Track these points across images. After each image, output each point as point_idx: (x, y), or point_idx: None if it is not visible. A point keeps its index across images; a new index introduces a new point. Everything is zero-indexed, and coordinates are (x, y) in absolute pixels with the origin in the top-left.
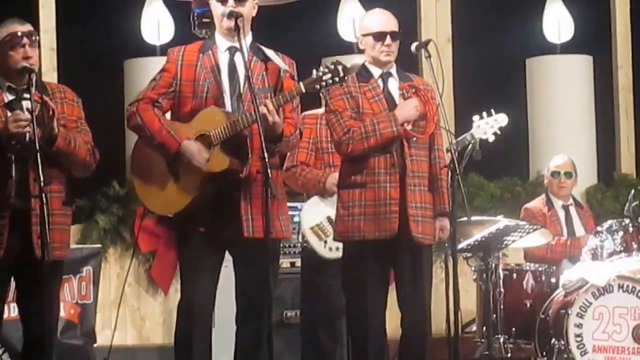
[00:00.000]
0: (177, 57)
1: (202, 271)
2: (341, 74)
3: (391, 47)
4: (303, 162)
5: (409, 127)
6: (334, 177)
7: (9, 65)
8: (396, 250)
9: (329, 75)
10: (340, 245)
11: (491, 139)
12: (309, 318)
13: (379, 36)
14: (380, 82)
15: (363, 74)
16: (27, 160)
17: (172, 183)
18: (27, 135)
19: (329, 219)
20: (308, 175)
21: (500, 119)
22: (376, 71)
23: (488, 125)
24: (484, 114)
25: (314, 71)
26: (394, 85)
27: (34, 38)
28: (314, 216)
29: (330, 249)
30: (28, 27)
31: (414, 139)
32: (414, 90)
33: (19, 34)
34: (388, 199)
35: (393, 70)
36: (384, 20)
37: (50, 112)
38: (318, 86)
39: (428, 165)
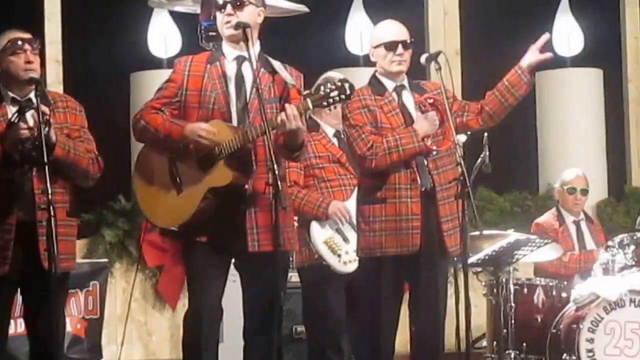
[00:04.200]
0: (184, 68)
1: (209, 282)
2: (348, 92)
3: (403, 56)
4: (296, 181)
5: (429, 142)
6: (338, 204)
7: (10, 73)
8: (415, 266)
9: (336, 93)
10: (354, 258)
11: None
12: (315, 333)
13: (391, 46)
14: (395, 95)
15: (376, 86)
16: (30, 172)
17: (175, 195)
18: (29, 143)
19: (338, 231)
20: (307, 198)
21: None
22: (389, 84)
23: None
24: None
25: (321, 87)
26: (408, 98)
27: (35, 45)
28: (324, 229)
29: (345, 263)
30: (28, 35)
31: (435, 152)
32: (431, 102)
33: (20, 40)
34: (410, 214)
35: (405, 83)
36: (395, 29)
37: (46, 121)
38: (325, 103)
39: (454, 172)
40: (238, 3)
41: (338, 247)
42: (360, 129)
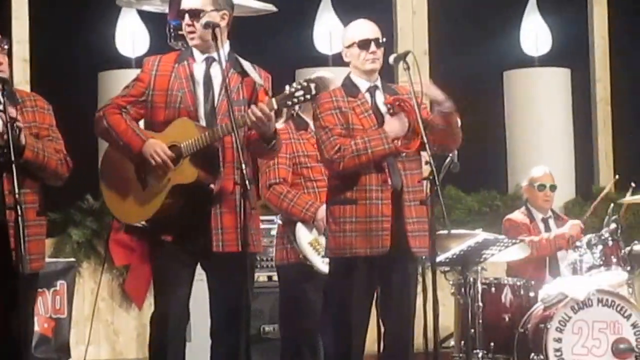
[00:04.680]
0: (152, 67)
1: (176, 282)
2: (313, 92)
3: (376, 54)
4: (285, 178)
5: (398, 143)
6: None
7: None
8: (386, 267)
9: (301, 92)
10: None
11: None
12: (291, 332)
13: (364, 44)
14: (368, 96)
15: (350, 87)
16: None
17: (141, 191)
18: None
19: (323, 233)
20: (296, 200)
21: None
22: (363, 84)
23: None
24: None
25: (287, 87)
26: (381, 99)
27: (3, 45)
28: (309, 230)
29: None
30: None
31: (404, 154)
32: (398, 103)
33: None
34: (380, 215)
35: (379, 83)
36: (367, 28)
37: (16, 126)
38: (290, 102)
39: (421, 174)
40: (195, 13)
41: (323, 248)
42: (329, 131)
